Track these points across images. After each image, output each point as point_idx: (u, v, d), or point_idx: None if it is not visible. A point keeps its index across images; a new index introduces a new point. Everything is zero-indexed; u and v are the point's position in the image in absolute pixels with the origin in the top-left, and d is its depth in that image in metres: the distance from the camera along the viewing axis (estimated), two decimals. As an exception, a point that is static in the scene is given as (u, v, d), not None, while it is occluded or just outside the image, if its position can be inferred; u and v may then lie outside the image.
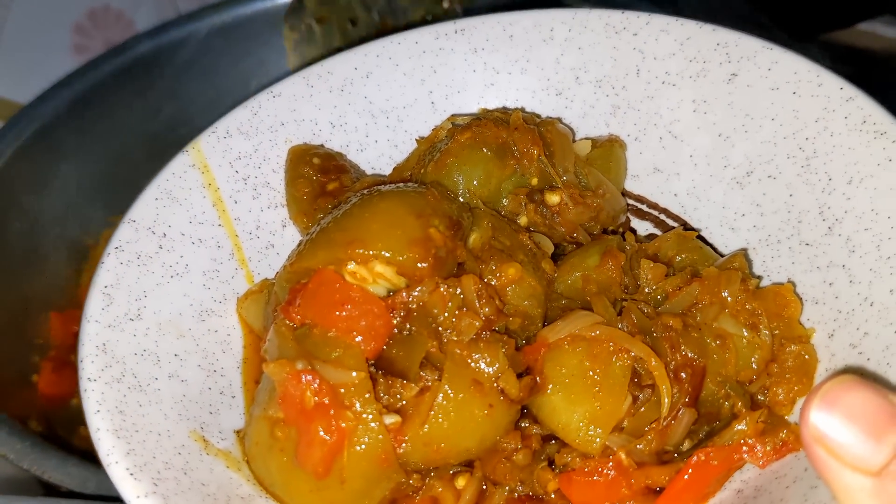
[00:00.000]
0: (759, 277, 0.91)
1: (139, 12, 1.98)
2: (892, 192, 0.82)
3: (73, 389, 1.38)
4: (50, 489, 1.16)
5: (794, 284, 0.86)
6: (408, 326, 0.78)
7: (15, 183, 1.44)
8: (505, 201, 0.95)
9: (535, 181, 0.96)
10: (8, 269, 1.42)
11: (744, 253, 0.91)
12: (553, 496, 0.78)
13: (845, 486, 0.56)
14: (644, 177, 1.07)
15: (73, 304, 1.54)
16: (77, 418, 1.35)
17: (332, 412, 0.72)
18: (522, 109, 1.10)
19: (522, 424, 0.81)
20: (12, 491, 1.21)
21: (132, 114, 1.64)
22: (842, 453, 0.56)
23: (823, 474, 0.57)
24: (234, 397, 0.88)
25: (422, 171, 0.96)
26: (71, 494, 1.14)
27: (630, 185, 1.08)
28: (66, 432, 1.38)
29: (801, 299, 0.85)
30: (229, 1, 1.78)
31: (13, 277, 1.43)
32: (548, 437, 0.81)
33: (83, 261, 1.58)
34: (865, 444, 0.56)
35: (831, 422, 0.57)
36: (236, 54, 1.77)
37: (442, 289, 0.78)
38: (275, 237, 1.03)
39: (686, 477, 0.73)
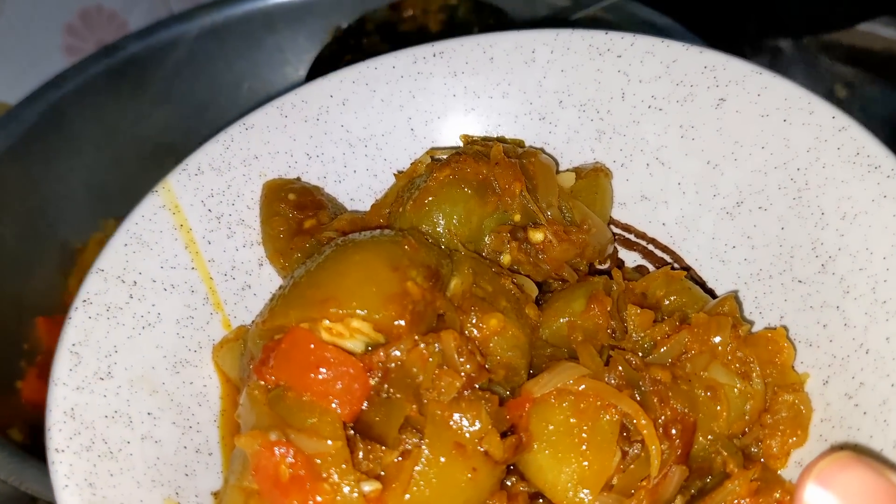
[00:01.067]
0: (751, 322, 0.88)
1: (132, 13, 1.97)
2: (887, 231, 0.79)
3: None
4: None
5: (786, 329, 0.84)
6: (386, 388, 0.75)
7: (3, 185, 1.43)
8: (487, 239, 0.92)
9: (517, 217, 0.93)
10: None
11: (734, 295, 0.88)
12: (541, 559, 0.76)
13: None
14: (631, 205, 1.04)
15: (60, 309, 1.50)
16: None
17: (307, 485, 0.69)
18: (503, 139, 1.06)
19: (508, 483, 0.78)
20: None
21: (123, 115, 1.63)
22: None
23: None
24: (210, 454, 0.85)
25: (400, 209, 0.93)
26: None
27: (617, 214, 1.05)
28: None
29: (793, 342, 0.82)
30: (222, 1, 1.78)
31: (2, 283, 1.43)
32: (535, 495, 0.78)
33: (71, 265, 1.57)
34: None
35: (826, 501, 0.55)
36: (229, 55, 1.78)
37: (421, 346, 0.75)
38: (251, 277, 1.00)
39: (678, 540, 0.71)
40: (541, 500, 0.78)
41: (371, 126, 1.09)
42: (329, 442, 0.70)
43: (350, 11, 1.83)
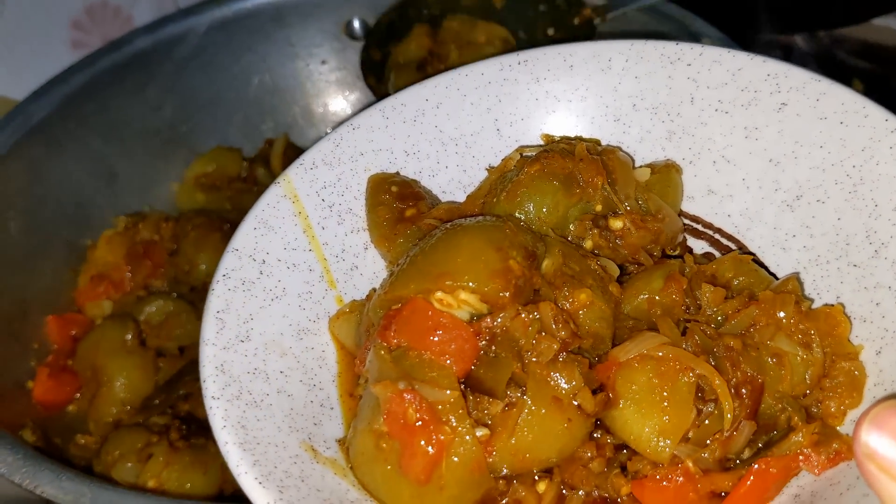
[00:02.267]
0: (811, 300, 0.99)
1: (138, 7, 1.92)
2: (934, 220, 0.89)
3: (71, 396, 1.43)
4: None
5: (843, 305, 0.94)
6: (493, 349, 0.87)
7: (11, 181, 1.42)
8: (571, 227, 1.03)
9: (599, 207, 1.04)
10: (4, 270, 1.40)
11: (796, 276, 0.99)
12: (625, 500, 0.87)
13: (893, 496, 0.65)
14: (699, 198, 1.15)
15: (71, 307, 1.53)
16: (74, 426, 1.41)
17: (431, 427, 0.81)
18: (580, 138, 1.17)
19: (596, 435, 0.89)
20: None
21: (131, 111, 1.62)
22: (890, 468, 0.64)
23: (874, 487, 0.66)
24: (332, 409, 0.98)
25: (494, 200, 1.05)
26: None
27: (686, 207, 1.16)
28: (62, 441, 1.38)
29: (849, 319, 0.93)
30: (230, -5, 1.73)
31: (9, 278, 1.42)
32: (620, 447, 0.90)
33: (81, 261, 1.58)
34: None
35: (881, 441, 0.65)
36: (237, 50, 1.76)
37: (522, 315, 0.87)
38: (358, 259, 1.12)
39: (748, 483, 0.82)
40: (625, 451, 0.89)
41: (461, 127, 1.21)
42: (447, 392, 0.83)
43: (361, 5, 1.83)
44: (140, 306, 1.54)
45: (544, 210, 1.02)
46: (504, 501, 0.88)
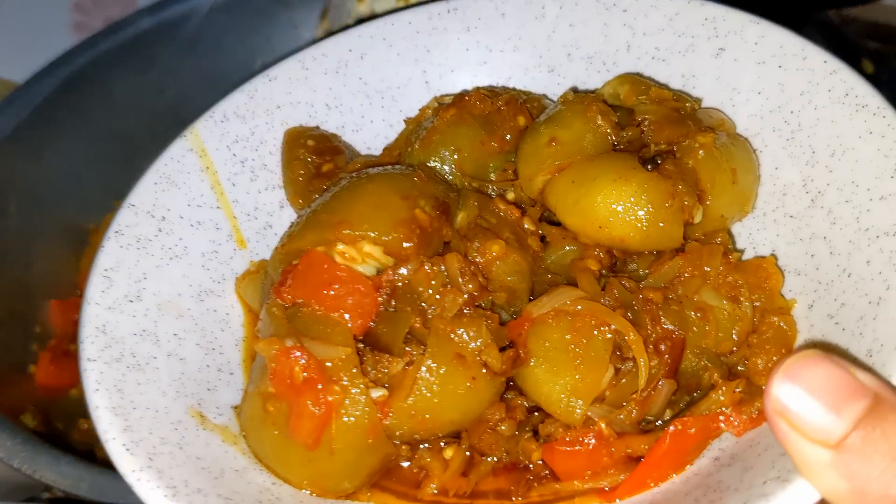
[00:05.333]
0: (741, 251, 0.92)
1: None
2: (872, 164, 0.83)
3: (74, 380, 1.36)
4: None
5: (776, 257, 0.88)
6: (393, 304, 0.80)
7: (11, 165, 1.39)
8: (493, 176, 0.97)
9: (522, 158, 0.97)
10: (6, 255, 1.37)
11: (727, 230, 0.92)
12: (537, 466, 0.81)
13: (805, 458, 0.58)
14: (634, 152, 1.08)
15: (74, 291, 1.49)
16: (77, 410, 1.33)
17: (320, 386, 0.75)
18: (513, 88, 1.11)
19: (507, 396, 0.83)
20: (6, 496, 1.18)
21: (133, 93, 1.57)
22: (802, 426, 0.58)
23: (785, 446, 0.59)
24: (232, 374, 0.91)
25: (409, 150, 0.99)
26: (56, 501, 1.14)
27: (622, 160, 1.09)
28: (64, 426, 1.34)
29: (783, 271, 0.87)
30: (234, -25, 1.66)
31: (11, 263, 1.39)
32: (532, 409, 0.83)
33: (83, 245, 1.54)
34: (825, 418, 0.57)
35: (793, 395, 0.58)
36: (241, 31, 1.70)
37: (426, 267, 0.81)
38: (273, 218, 1.06)
39: (664, 445, 0.75)
40: (536, 413, 0.83)
41: (388, 79, 1.14)
42: (340, 349, 0.76)
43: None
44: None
45: (461, 156, 0.95)
46: (408, 467, 0.82)
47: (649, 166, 0.86)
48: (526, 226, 0.90)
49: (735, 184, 0.88)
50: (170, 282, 0.93)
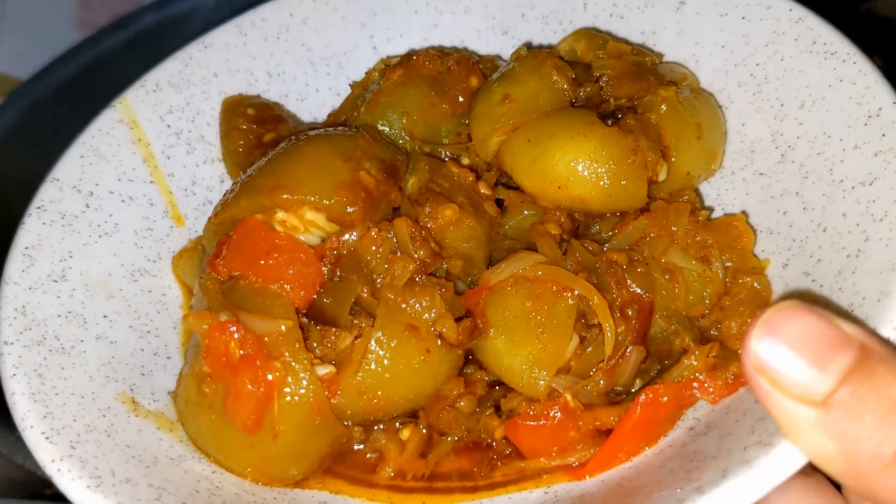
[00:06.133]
0: (710, 209, 0.87)
1: None
2: (843, 114, 0.78)
3: None
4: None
5: (746, 215, 0.83)
6: (338, 273, 0.74)
7: (16, 160, 1.36)
8: (446, 140, 0.91)
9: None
10: (8, 250, 1.35)
11: (695, 189, 0.87)
12: (500, 443, 0.75)
13: (789, 418, 0.53)
14: (595, 114, 1.03)
15: None
16: None
17: (258, 363, 0.68)
18: (465, 49, 1.05)
19: (466, 371, 0.78)
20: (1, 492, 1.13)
21: None
22: (785, 383, 0.53)
23: (767, 406, 0.54)
24: (169, 358, 0.84)
25: (355, 114, 0.92)
26: (59, 497, 1.09)
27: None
28: None
29: (754, 230, 0.82)
30: (237, -29, 1.67)
31: None
32: (493, 384, 0.78)
33: None
34: (809, 373, 0.52)
35: (774, 350, 0.53)
36: None
37: (373, 233, 0.74)
38: (212, 193, 0.99)
39: (635, 416, 0.70)
40: (498, 388, 0.77)
41: (332, 44, 1.08)
42: (280, 322, 0.69)
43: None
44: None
45: (412, 119, 0.89)
46: (362, 450, 0.76)
47: (609, 121, 0.80)
48: (482, 190, 0.85)
49: (700, 139, 0.83)
50: (99, 261, 0.86)
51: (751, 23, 0.90)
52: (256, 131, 0.98)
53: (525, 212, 0.84)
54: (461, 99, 0.91)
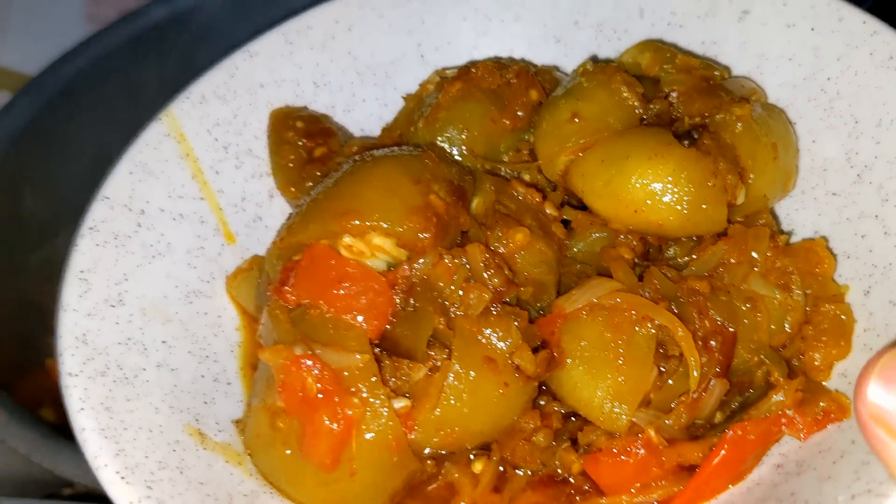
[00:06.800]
0: (788, 233, 0.85)
1: None
2: (928, 134, 0.76)
3: None
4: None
5: (826, 239, 0.81)
6: (412, 302, 0.72)
7: (27, 156, 1.37)
8: (506, 157, 0.89)
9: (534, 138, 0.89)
10: (22, 245, 1.34)
11: (771, 210, 0.85)
12: (577, 479, 0.73)
13: None
14: (653, 127, 1.00)
15: None
16: None
17: (336, 399, 0.66)
18: (521, 60, 1.02)
19: (541, 402, 0.75)
20: (19, 492, 1.14)
21: (147, 84, 1.53)
22: None
23: (881, 454, 0.52)
24: (229, 384, 0.82)
25: (412, 129, 0.90)
26: (78, 497, 1.09)
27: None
28: None
29: (833, 254, 0.80)
30: (246, -36, 1.65)
31: (28, 254, 1.36)
32: (569, 415, 0.76)
33: None
34: None
35: (891, 398, 0.51)
36: (254, 19, 1.55)
37: (446, 260, 0.72)
38: (262, 209, 0.96)
39: (721, 453, 0.68)
40: (573, 419, 0.75)
41: (379, 53, 1.05)
42: (356, 356, 0.67)
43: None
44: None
45: (472, 135, 0.86)
46: (434, 486, 0.74)
47: (685, 142, 0.78)
48: (548, 211, 0.82)
49: (777, 160, 0.81)
50: (154, 283, 0.84)
51: (821, 35, 0.87)
52: (307, 146, 0.95)
53: (594, 234, 0.81)
54: (521, 113, 0.89)
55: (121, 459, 0.66)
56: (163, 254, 0.86)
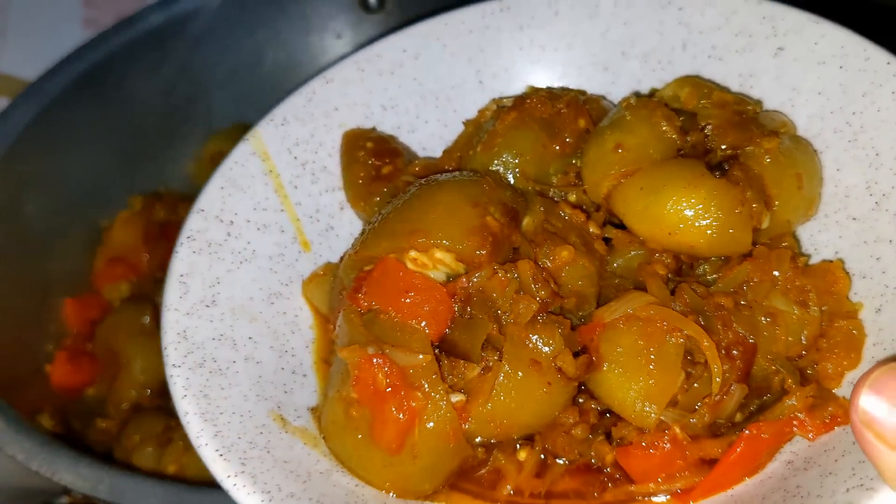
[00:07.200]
0: (808, 255, 0.93)
1: None
2: (939, 168, 0.84)
3: (90, 380, 1.40)
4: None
5: (842, 261, 0.89)
6: (468, 310, 0.82)
7: (25, 162, 1.39)
8: (554, 179, 0.98)
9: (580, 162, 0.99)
10: (20, 253, 1.37)
11: (792, 231, 0.93)
12: (610, 468, 0.83)
13: (891, 467, 0.60)
14: (691, 151, 1.09)
15: (87, 290, 1.51)
16: (93, 410, 1.38)
17: (402, 393, 0.77)
18: (566, 89, 1.11)
19: (580, 400, 0.85)
20: (17, 500, 1.17)
21: (145, 88, 1.58)
22: (889, 437, 0.59)
23: (871, 455, 0.61)
24: (305, 376, 0.93)
25: (471, 153, 1.00)
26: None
27: (677, 160, 1.10)
28: (81, 426, 1.36)
29: (849, 275, 0.88)
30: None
31: (27, 260, 1.39)
32: (604, 412, 0.85)
33: (97, 244, 1.55)
34: None
35: (879, 406, 0.60)
36: (252, 24, 1.71)
37: (500, 274, 0.82)
38: (334, 220, 1.07)
39: (738, 449, 0.77)
40: (608, 415, 0.85)
41: (442, 79, 1.15)
42: (420, 356, 0.78)
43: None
44: (158, 288, 1.45)
45: (524, 160, 0.96)
46: (483, 471, 0.84)
47: (717, 173, 0.87)
48: (591, 230, 0.92)
49: (801, 189, 0.89)
50: (241, 286, 0.95)
51: (848, 72, 0.95)
52: (375, 164, 1.06)
53: (633, 252, 0.90)
54: (569, 140, 0.98)
55: (218, 440, 0.78)
56: (249, 260, 0.98)
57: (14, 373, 1.28)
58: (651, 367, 0.80)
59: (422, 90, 1.15)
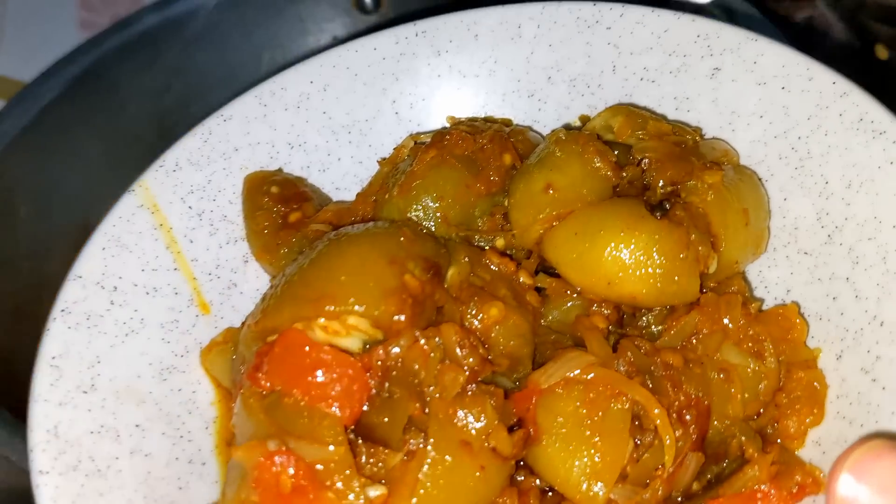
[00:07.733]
0: (761, 300, 0.85)
1: None
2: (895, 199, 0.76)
3: None
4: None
5: (798, 304, 0.81)
6: (387, 387, 0.72)
7: (20, 165, 1.37)
8: (480, 223, 0.88)
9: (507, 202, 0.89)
10: (15, 255, 1.34)
11: (742, 274, 0.85)
12: (557, 556, 0.73)
13: None
14: (626, 181, 1.00)
15: None
16: None
17: (311, 495, 0.66)
18: (491, 119, 1.02)
19: (519, 478, 0.75)
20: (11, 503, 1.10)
21: (140, 91, 1.55)
22: None
23: None
24: (204, 464, 0.82)
25: (386, 196, 0.90)
26: None
27: (612, 191, 1.01)
28: None
29: (805, 318, 0.80)
30: (239, -30, 1.65)
31: (21, 264, 1.35)
32: (546, 491, 0.75)
33: None
34: None
35: (860, 492, 0.53)
36: (248, 26, 1.69)
37: (422, 342, 0.72)
38: (237, 275, 0.96)
39: (698, 531, 0.68)
40: (550, 493, 0.75)
41: (354, 111, 1.05)
42: (331, 447, 0.67)
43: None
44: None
45: (444, 203, 0.86)
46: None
47: (658, 213, 0.78)
48: (522, 279, 0.82)
49: (748, 225, 0.81)
50: (127, 363, 0.83)
51: (791, 94, 0.88)
52: (282, 211, 0.95)
53: (569, 303, 0.81)
54: (494, 178, 0.89)
55: (95, 562, 0.66)
56: (136, 331, 0.86)
57: (8, 375, 1.17)
58: (595, 438, 0.71)
59: (332, 125, 1.04)
